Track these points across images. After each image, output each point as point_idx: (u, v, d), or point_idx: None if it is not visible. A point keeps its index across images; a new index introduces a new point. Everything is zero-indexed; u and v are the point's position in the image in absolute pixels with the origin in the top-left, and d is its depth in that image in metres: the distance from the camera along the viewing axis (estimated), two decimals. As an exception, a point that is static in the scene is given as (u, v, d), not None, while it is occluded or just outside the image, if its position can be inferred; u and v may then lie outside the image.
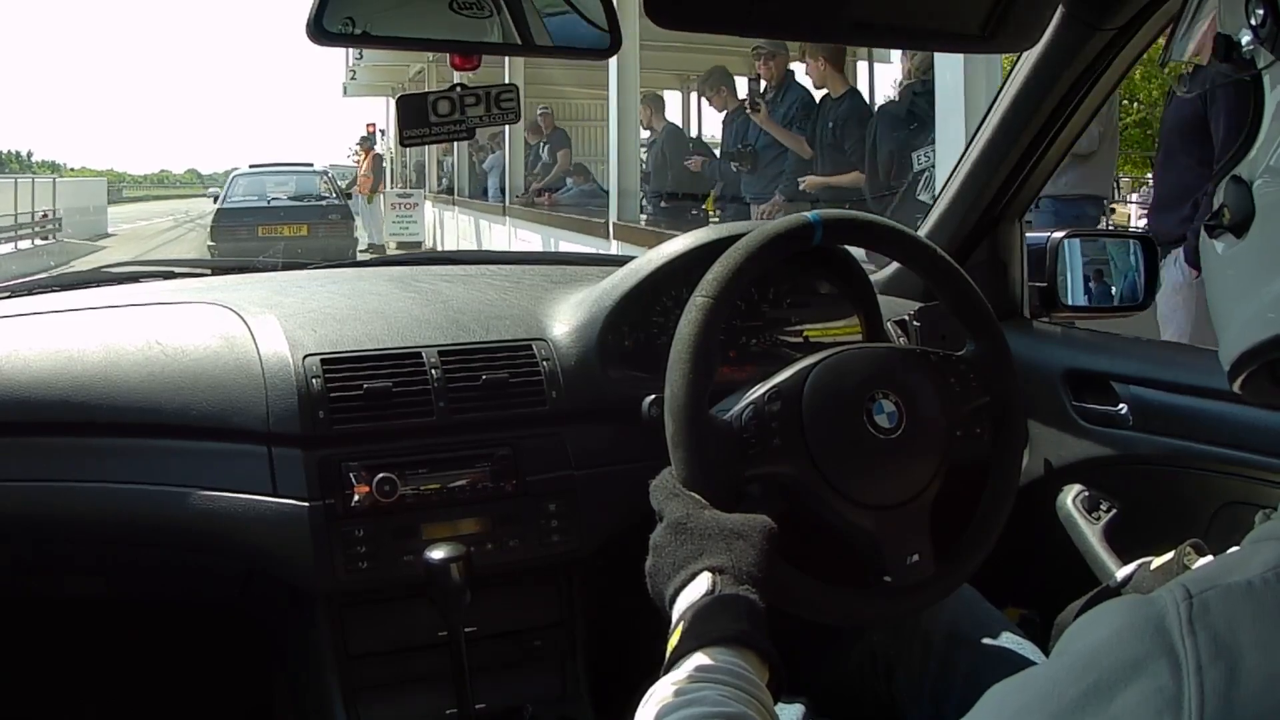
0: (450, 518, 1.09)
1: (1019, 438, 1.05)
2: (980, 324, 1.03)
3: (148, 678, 1.45)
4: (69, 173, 58.65)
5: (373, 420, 1.08)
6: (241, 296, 1.21)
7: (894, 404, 0.94)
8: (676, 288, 1.17)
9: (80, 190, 22.15)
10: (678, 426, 0.89)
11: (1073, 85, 1.25)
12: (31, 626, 1.36)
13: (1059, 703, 0.43)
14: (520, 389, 1.14)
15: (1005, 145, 1.34)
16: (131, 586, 1.30)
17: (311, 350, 1.10)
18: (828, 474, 0.91)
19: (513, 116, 0.87)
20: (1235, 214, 0.54)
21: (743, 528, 0.81)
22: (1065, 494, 1.23)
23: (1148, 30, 1.17)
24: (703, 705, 0.68)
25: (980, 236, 1.43)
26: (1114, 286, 1.39)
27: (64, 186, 20.18)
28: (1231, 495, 1.14)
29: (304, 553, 1.04)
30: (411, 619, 1.10)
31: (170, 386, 1.08)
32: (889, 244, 1.05)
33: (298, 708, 1.21)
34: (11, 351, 1.10)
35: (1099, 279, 1.39)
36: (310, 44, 0.80)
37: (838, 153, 4.38)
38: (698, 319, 0.91)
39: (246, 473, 1.06)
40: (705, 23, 0.90)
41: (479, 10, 0.83)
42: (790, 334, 1.26)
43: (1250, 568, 0.44)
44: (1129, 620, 0.43)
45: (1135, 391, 1.24)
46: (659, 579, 0.82)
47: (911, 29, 0.96)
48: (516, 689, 1.15)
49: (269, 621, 1.27)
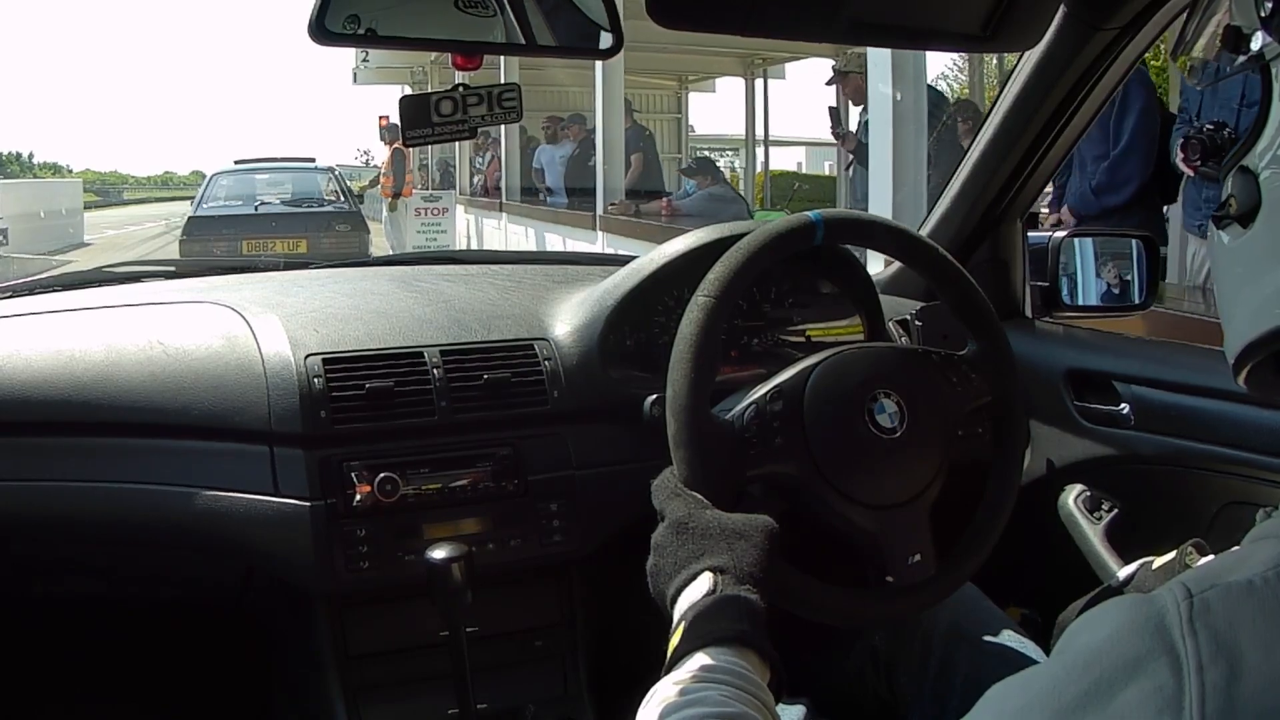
0: (452, 517, 1.09)
1: (1020, 437, 1.05)
2: (982, 324, 1.03)
3: (148, 678, 1.45)
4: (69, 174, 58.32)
5: (374, 420, 1.08)
6: (243, 296, 1.21)
7: (896, 404, 0.94)
8: (678, 287, 1.17)
9: (44, 194, 18.43)
10: (679, 426, 0.89)
11: (1074, 85, 1.25)
12: (31, 626, 1.36)
13: (1059, 702, 0.43)
14: (522, 389, 1.14)
15: (1006, 145, 1.34)
16: (132, 586, 1.30)
17: (313, 350, 1.10)
18: (829, 474, 0.91)
19: (514, 115, 0.87)
20: (1242, 205, 0.54)
21: (744, 528, 0.81)
22: (1067, 494, 1.23)
23: (1149, 30, 1.17)
24: (704, 705, 0.67)
25: (982, 236, 1.43)
26: (1115, 286, 1.39)
27: (18, 190, 17.43)
28: (1233, 495, 1.14)
29: (305, 552, 1.04)
30: (412, 619, 1.10)
31: (172, 386, 1.08)
32: (891, 243, 1.05)
33: (298, 708, 1.21)
34: (13, 351, 1.10)
35: (1100, 278, 1.39)
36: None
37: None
38: (699, 319, 0.91)
39: (248, 472, 1.06)
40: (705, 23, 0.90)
41: (484, 9, 0.83)
42: (792, 333, 1.26)
43: (1251, 566, 0.44)
44: (1129, 619, 0.43)
45: (1137, 391, 1.24)
46: (660, 579, 0.82)
47: (912, 29, 0.96)
48: (517, 689, 1.15)
49: (269, 621, 1.27)
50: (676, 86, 13.36)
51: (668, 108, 13.41)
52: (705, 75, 13.51)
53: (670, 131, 13.11)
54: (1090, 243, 1.40)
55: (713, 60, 12.27)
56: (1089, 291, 1.38)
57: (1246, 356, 0.56)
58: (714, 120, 37.39)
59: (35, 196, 17.32)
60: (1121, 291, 1.39)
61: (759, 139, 12.85)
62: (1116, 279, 1.39)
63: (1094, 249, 1.40)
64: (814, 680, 1.09)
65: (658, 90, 12.88)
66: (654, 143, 8.42)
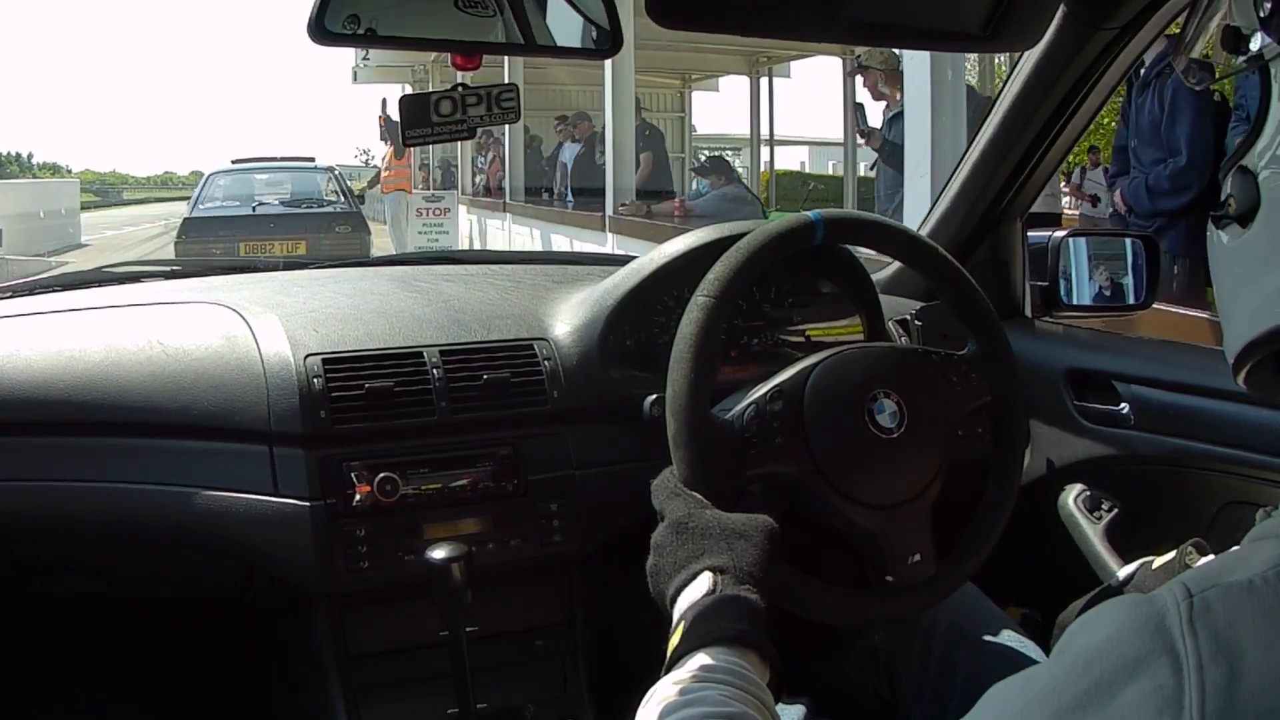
0: (451, 517, 1.09)
1: (1020, 437, 1.05)
2: (982, 323, 1.03)
3: (148, 678, 1.45)
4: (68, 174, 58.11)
5: (374, 420, 1.08)
6: (243, 296, 1.21)
7: (895, 403, 0.94)
8: (678, 287, 1.17)
9: (40, 194, 17.96)
10: (679, 426, 0.89)
11: (1074, 85, 1.25)
12: (31, 626, 1.36)
13: (1059, 701, 0.43)
14: (522, 388, 1.14)
15: (1006, 145, 1.34)
16: (132, 587, 1.30)
17: (313, 350, 1.10)
18: (829, 473, 0.91)
19: (513, 116, 0.87)
20: (1241, 204, 0.54)
21: (744, 527, 0.81)
22: (1067, 493, 1.23)
23: (1149, 30, 1.17)
24: (704, 705, 0.67)
25: (982, 236, 1.43)
26: (1115, 286, 1.39)
27: (13, 191, 16.80)
28: (1233, 495, 1.14)
29: (305, 552, 1.04)
30: (412, 619, 1.10)
31: (172, 386, 1.08)
32: (891, 243, 1.05)
33: (298, 708, 1.21)
34: (13, 351, 1.10)
35: (1100, 278, 1.39)
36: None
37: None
38: (699, 318, 0.91)
39: (248, 472, 1.06)
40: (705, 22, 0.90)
41: (483, 9, 0.83)
42: (792, 333, 1.26)
43: (1251, 566, 0.44)
44: (1129, 619, 0.43)
45: (1137, 391, 1.24)
46: (660, 578, 0.82)
47: (912, 28, 0.96)
48: (518, 689, 1.15)
49: (269, 622, 1.27)
50: (680, 85, 13.32)
51: (671, 106, 13.34)
52: (710, 74, 13.45)
53: (674, 131, 13.02)
54: (1090, 243, 1.40)
55: (718, 58, 12.22)
56: (1089, 291, 1.38)
57: (1246, 356, 0.56)
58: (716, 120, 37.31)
59: (31, 197, 16.87)
60: (1122, 292, 1.39)
61: (763, 138, 12.79)
62: (1116, 279, 1.39)
63: (1094, 249, 1.40)
64: (814, 680, 1.09)
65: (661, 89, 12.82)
66: (664, 141, 8.21)
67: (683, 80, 13.27)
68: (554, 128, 9.04)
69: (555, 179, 8.80)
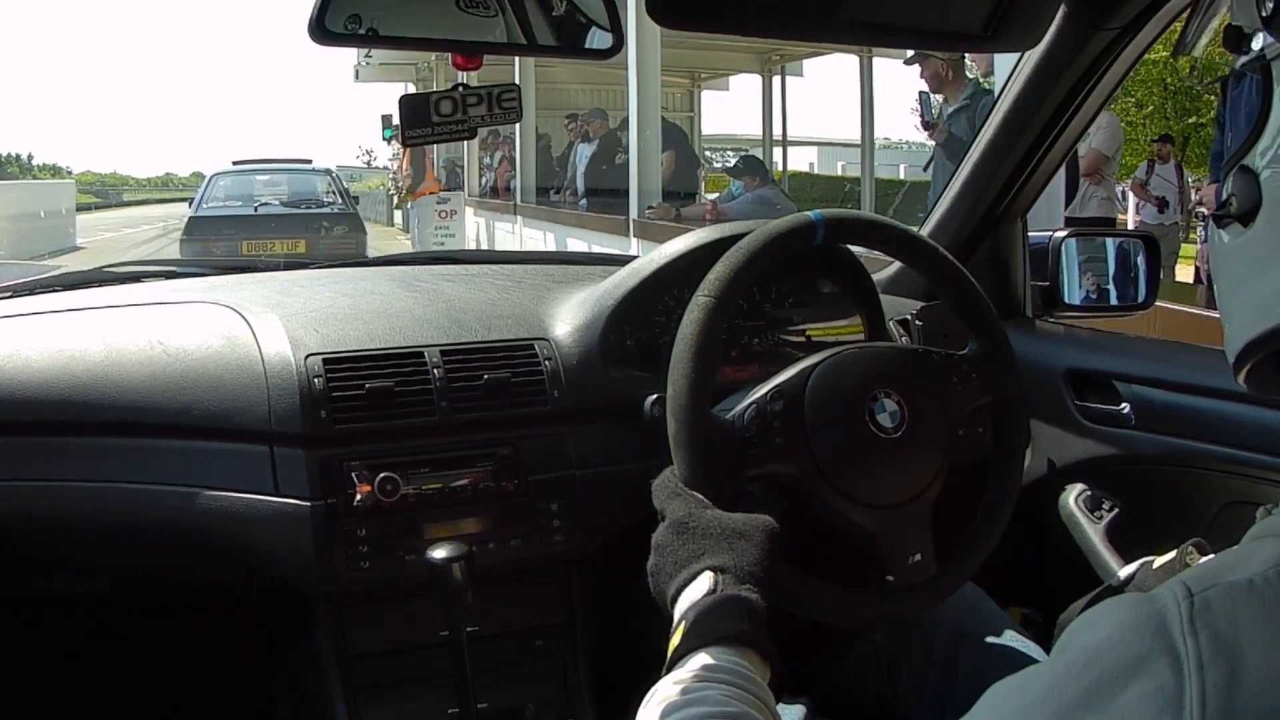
0: (452, 517, 1.09)
1: (1021, 437, 1.05)
2: (982, 323, 1.03)
3: (148, 678, 1.45)
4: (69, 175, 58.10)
5: (375, 420, 1.08)
6: (244, 296, 1.21)
7: (896, 403, 0.94)
8: (678, 287, 1.17)
9: (35, 195, 17.70)
10: (679, 426, 0.89)
11: (1074, 85, 1.25)
12: (31, 626, 1.36)
13: (1060, 701, 0.43)
14: (522, 388, 1.14)
15: (1007, 145, 1.34)
16: (132, 586, 1.30)
17: (314, 350, 1.10)
18: (829, 473, 0.91)
19: (514, 116, 0.87)
20: (1242, 204, 0.55)
21: (744, 527, 0.81)
22: (1067, 493, 1.23)
23: (1150, 30, 1.17)
24: (705, 705, 0.67)
25: (982, 236, 1.43)
26: (1116, 286, 1.39)
27: (8, 192, 16.56)
28: (1234, 495, 1.14)
29: (305, 552, 1.04)
30: (413, 619, 1.10)
31: (172, 386, 1.08)
32: (891, 243, 1.05)
33: (298, 708, 1.21)
34: (13, 351, 1.10)
35: (1101, 278, 1.39)
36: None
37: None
38: (700, 318, 0.91)
39: (248, 472, 1.06)
40: (705, 22, 0.90)
41: (485, 9, 0.83)
42: (792, 333, 1.26)
43: (1251, 565, 0.44)
44: (1130, 618, 0.43)
45: (1138, 391, 1.24)
46: (661, 578, 0.82)
47: (912, 28, 0.96)
48: (518, 689, 1.15)
49: (270, 622, 1.27)
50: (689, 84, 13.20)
51: (680, 105, 13.12)
52: (720, 72, 13.24)
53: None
54: (1091, 243, 1.40)
55: (729, 57, 12.00)
56: (1089, 291, 1.38)
57: (1247, 355, 0.56)
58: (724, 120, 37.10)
59: (25, 198, 16.73)
60: (1122, 291, 1.39)
61: (776, 139, 12.56)
62: (1117, 279, 1.39)
63: (1094, 249, 1.40)
64: (815, 680, 1.09)
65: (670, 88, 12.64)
66: (686, 139, 7.83)
67: (692, 79, 13.13)
68: (564, 126, 8.84)
69: (566, 179, 8.45)
